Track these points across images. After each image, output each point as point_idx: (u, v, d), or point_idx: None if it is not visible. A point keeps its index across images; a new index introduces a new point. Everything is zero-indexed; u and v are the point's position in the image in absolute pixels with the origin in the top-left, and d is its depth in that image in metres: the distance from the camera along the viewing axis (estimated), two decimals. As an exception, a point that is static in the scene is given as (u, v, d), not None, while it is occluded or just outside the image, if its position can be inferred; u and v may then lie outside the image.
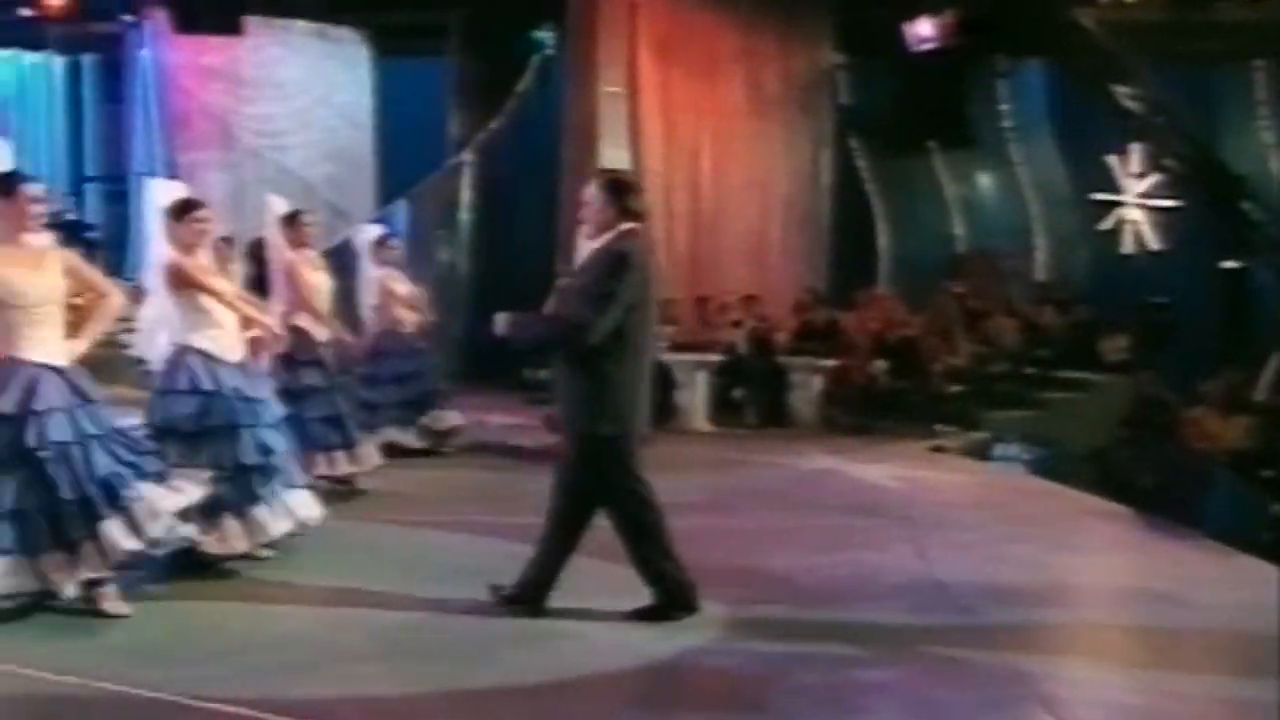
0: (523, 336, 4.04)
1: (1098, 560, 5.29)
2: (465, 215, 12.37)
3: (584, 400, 3.65)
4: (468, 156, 12.22)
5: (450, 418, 7.47)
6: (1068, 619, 4.17)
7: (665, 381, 8.79)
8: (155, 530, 3.66)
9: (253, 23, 12.53)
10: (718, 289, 10.95)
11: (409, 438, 7.16)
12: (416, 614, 3.83)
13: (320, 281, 6.04)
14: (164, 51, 12.50)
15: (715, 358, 8.98)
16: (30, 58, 13.31)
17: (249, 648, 3.47)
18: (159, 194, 4.73)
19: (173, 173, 12.71)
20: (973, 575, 4.53)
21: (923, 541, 5.09)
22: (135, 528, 3.62)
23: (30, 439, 3.57)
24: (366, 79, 13.62)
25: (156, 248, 4.55)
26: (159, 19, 12.34)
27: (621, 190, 3.75)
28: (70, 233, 9.32)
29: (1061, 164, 12.09)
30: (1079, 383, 9.77)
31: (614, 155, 10.84)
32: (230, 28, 12.38)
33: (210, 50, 12.64)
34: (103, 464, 3.64)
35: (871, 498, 6.38)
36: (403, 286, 7.42)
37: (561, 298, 3.88)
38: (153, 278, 4.57)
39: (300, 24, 13.03)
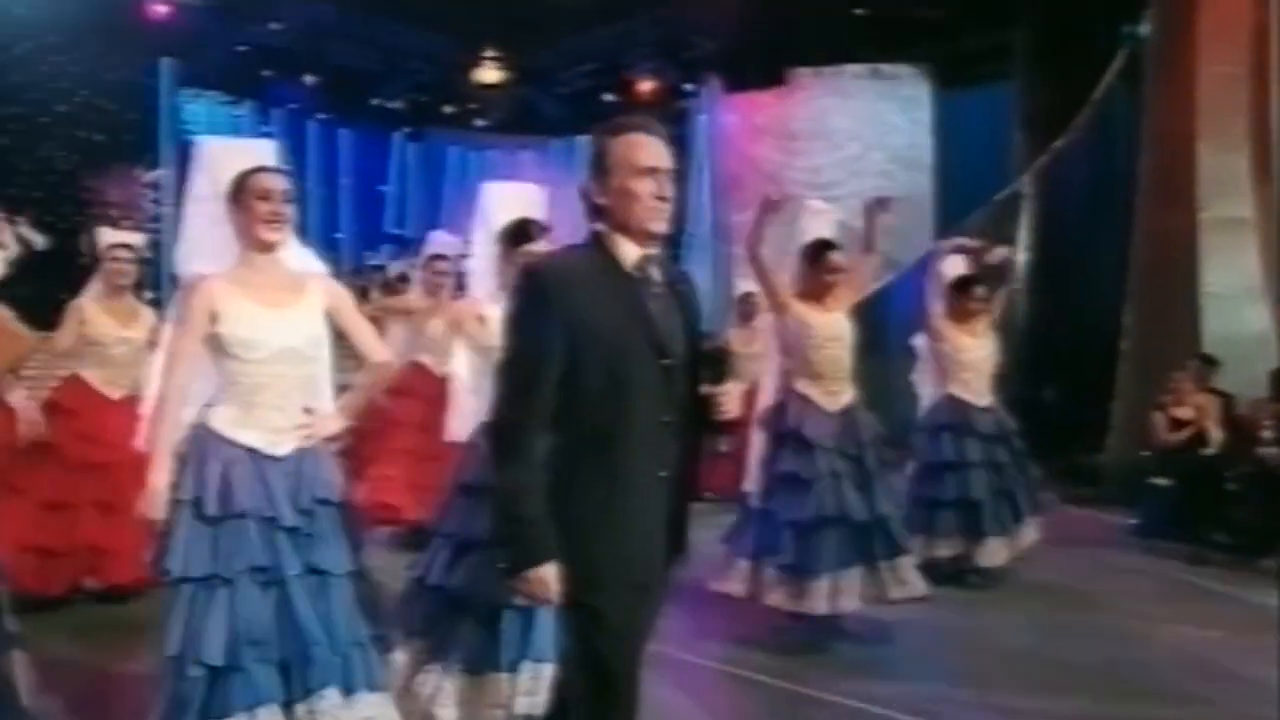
0: None
1: None
2: (1021, 256, 10.05)
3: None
4: (1025, 187, 9.98)
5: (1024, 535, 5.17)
6: None
7: (1268, 491, 5.64)
8: None
9: (800, 74, 12.10)
10: None
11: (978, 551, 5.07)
12: None
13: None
14: (717, 114, 12.69)
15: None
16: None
17: None
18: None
19: (725, 233, 12.97)
20: None
21: None
22: None
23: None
24: (925, 117, 12.38)
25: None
26: (712, 83, 12.58)
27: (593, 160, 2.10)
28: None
29: None
30: None
31: (1220, 161, 7.69)
32: (778, 81, 12.08)
33: (761, 107, 12.53)
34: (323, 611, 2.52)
35: None
36: (983, 339, 5.33)
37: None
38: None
39: (852, 68, 12.24)
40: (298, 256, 2.75)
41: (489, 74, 13.52)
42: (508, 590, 1.91)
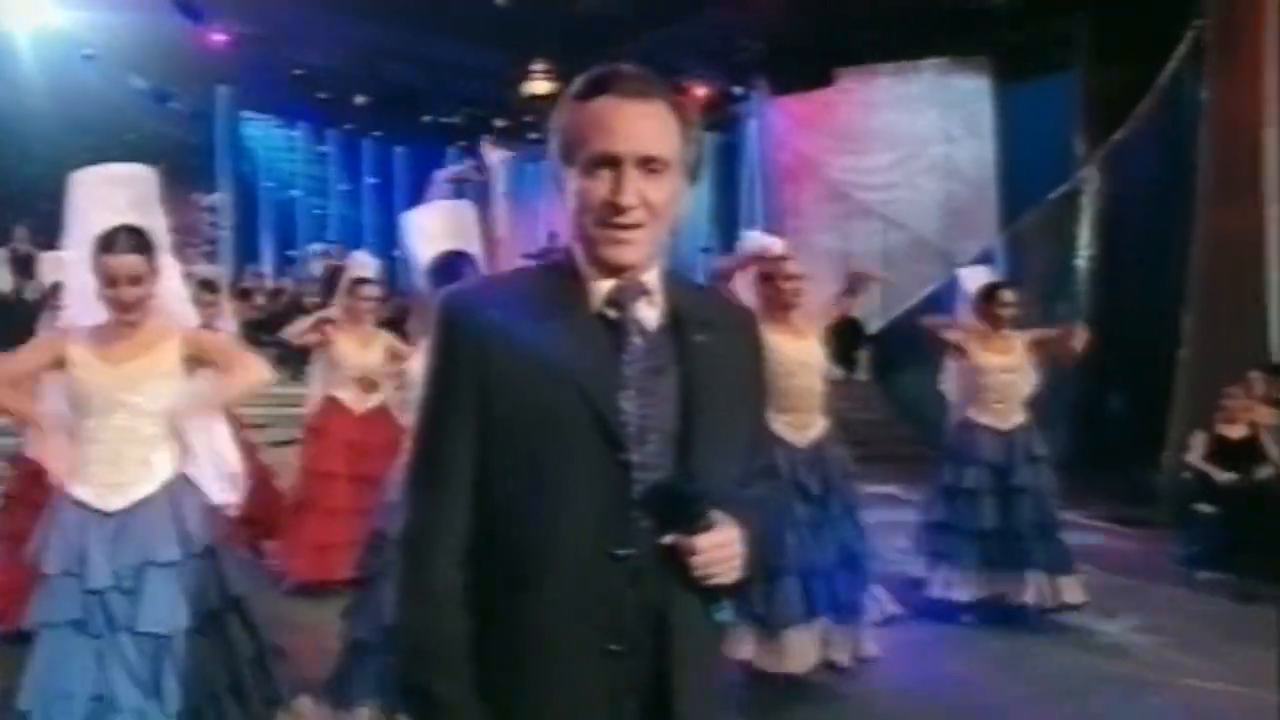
0: None
1: None
2: (1082, 257, 9.45)
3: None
4: (1086, 181, 9.37)
5: (1069, 588, 4.64)
6: None
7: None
8: None
9: (850, 73, 11.69)
10: None
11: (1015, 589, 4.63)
12: None
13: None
14: (767, 116, 12.39)
15: None
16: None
17: None
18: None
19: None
20: None
21: None
22: None
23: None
24: (985, 111, 11.78)
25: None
26: (760, 86, 12.28)
27: None
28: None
29: None
30: None
31: (1288, 151, 7.03)
32: (828, 81, 11.70)
33: (810, 108, 12.17)
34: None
35: None
36: (1013, 358, 4.84)
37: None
38: None
39: (907, 65, 11.77)
40: (176, 301, 2.68)
41: (539, 85, 13.49)
42: None
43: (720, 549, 1.21)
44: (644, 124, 1.24)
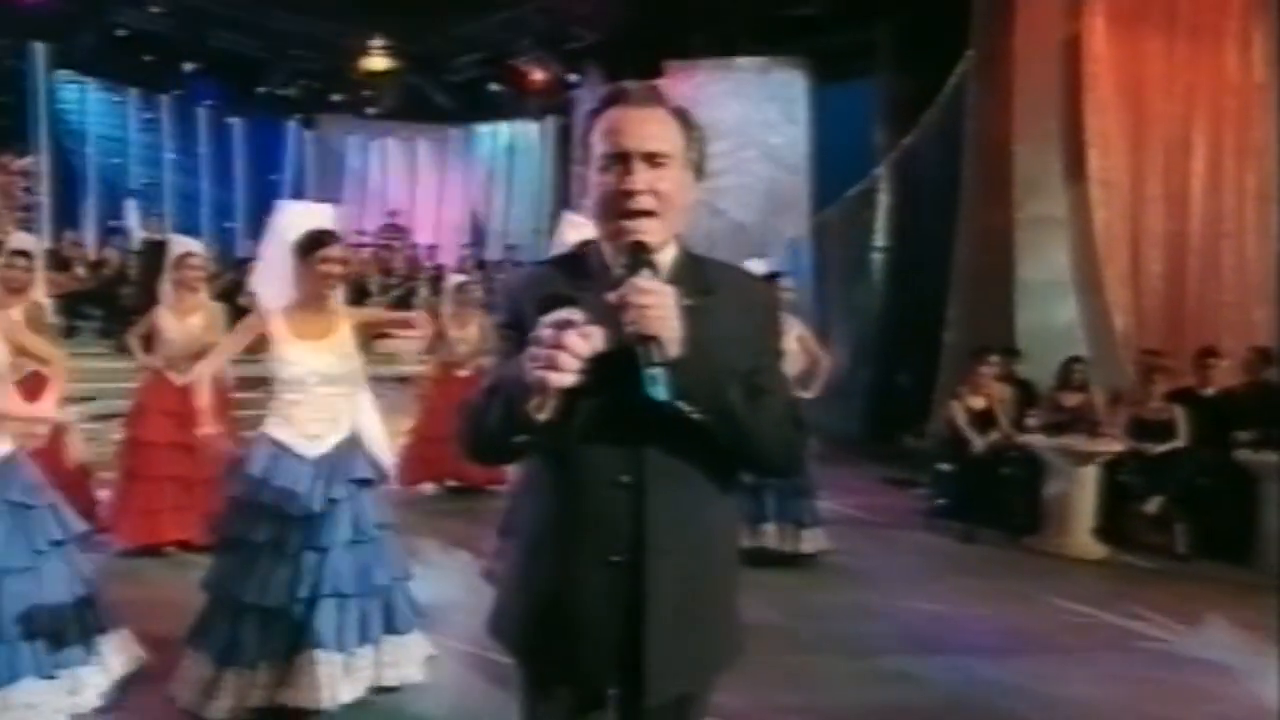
0: None
1: None
2: (877, 249, 10.53)
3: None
4: (881, 180, 10.43)
5: (810, 538, 5.45)
6: None
7: (1034, 476, 6.16)
8: None
9: (676, 66, 12.36)
10: (1197, 340, 7.62)
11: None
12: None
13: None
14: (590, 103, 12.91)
15: (1113, 447, 6.01)
16: (508, 128, 14.89)
17: None
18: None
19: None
20: None
21: None
22: None
23: None
24: (802, 105, 12.70)
25: None
26: (593, 74, 12.80)
27: None
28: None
29: None
30: None
31: (1036, 164, 8.19)
32: (655, 71, 12.33)
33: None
34: None
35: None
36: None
37: None
38: None
39: (727, 61, 12.54)
40: None
41: (377, 61, 13.56)
42: None
43: (651, 295, 1.35)
44: (647, 126, 1.49)
